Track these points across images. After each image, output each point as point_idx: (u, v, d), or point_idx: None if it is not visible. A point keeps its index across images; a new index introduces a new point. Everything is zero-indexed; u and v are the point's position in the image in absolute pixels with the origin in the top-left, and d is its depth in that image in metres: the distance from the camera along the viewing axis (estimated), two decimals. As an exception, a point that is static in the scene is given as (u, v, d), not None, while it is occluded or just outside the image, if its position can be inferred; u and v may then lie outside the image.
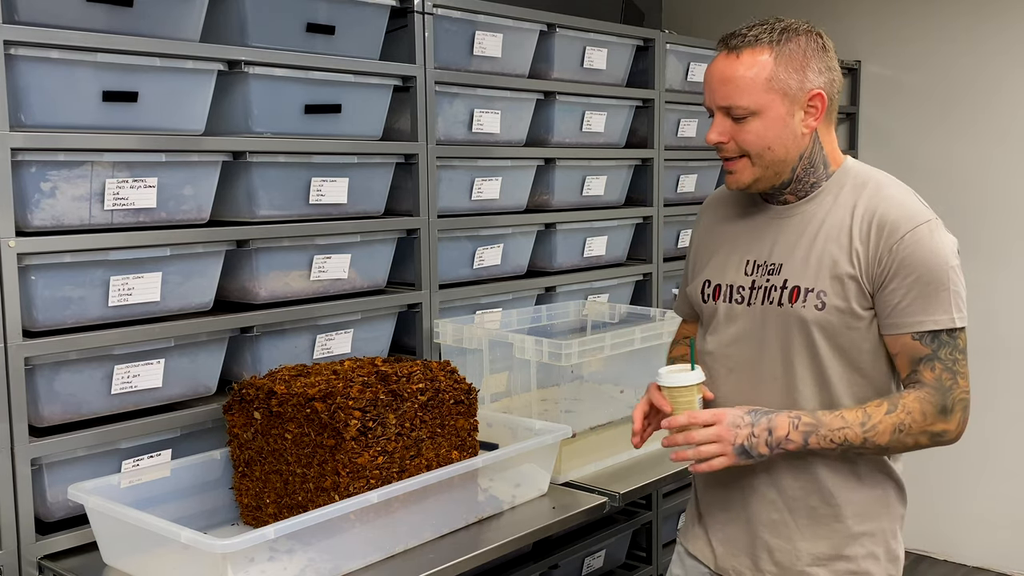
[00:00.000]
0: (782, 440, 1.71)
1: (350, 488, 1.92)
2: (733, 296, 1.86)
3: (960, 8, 4.14)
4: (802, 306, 1.76)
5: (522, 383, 2.56)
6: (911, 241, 1.70)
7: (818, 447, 1.72)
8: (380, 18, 2.50)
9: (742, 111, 1.74)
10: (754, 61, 1.72)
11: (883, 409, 1.71)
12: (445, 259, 2.75)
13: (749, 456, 1.72)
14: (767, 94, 1.72)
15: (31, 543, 1.93)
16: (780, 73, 1.72)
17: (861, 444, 1.71)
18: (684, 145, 3.62)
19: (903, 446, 1.74)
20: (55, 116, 1.93)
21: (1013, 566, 4.17)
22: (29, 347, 1.91)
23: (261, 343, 2.31)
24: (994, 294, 4.05)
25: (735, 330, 1.85)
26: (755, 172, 1.78)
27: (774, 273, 1.81)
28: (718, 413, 1.73)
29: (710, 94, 1.78)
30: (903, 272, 1.70)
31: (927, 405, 1.71)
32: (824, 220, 1.79)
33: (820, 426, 1.71)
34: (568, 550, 3.05)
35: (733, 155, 1.78)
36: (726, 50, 1.76)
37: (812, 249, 1.78)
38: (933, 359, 1.71)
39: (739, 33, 1.75)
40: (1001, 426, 4.01)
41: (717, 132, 1.78)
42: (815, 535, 1.82)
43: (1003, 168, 4.10)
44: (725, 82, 1.74)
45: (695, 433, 1.72)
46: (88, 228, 2.00)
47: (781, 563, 1.84)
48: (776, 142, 1.75)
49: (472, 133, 2.78)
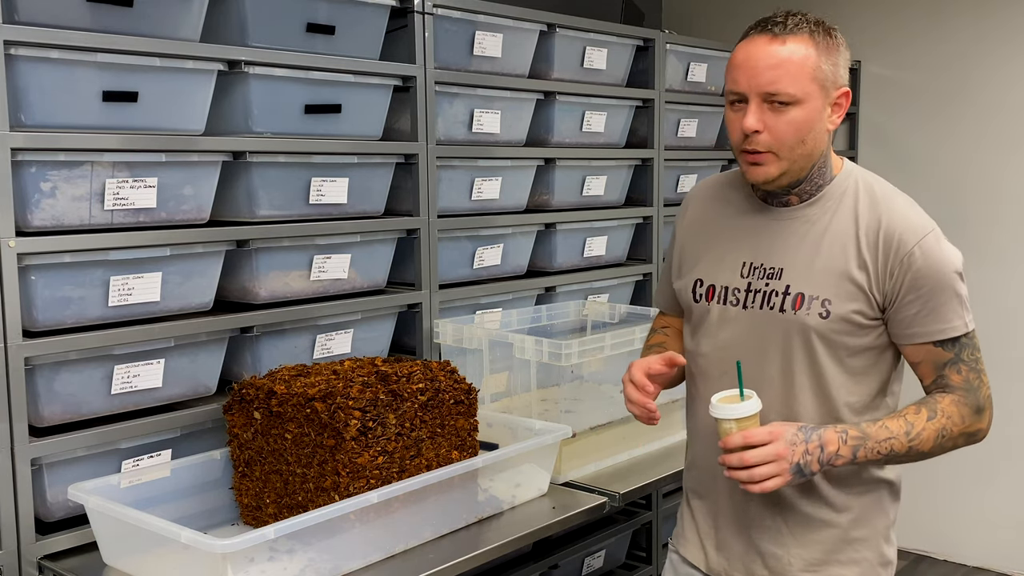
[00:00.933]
0: (832, 456, 1.67)
1: (350, 488, 1.92)
2: (728, 298, 1.82)
3: (960, 8, 4.14)
4: (806, 313, 1.73)
5: (522, 383, 2.56)
6: (921, 253, 1.70)
7: (865, 460, 1.69)
8: (380, 18, 2.50)
9: (787, 98, 1.66)
10: (800, 48, 1.66)
11: (923, 416, 1.71)
12: (445, 259, 2.75)
13: (802, 475, 1.66)
14: (811, 83, 1.67)
15: (31, 543, 1.93)
16: (822, 64, 1.67)
17: (905, 453, 1.70)
18: (684, 145, 3.62)
19: (943, 450, 1.73)
20: (55, 116, 1.93)
21: (1013, 566, 4.17)
22: (29, 347, 1.91)
23: (261, 343, 2.31)
24: (994, 294, 4.05)
25: (729, 333, 1.82)
26: (782, 165, 1.71)
27: (774, 277, 1.78)
28: (774, 431, 1.64)
29: (751, 79, 1.67)
30: (918, 284, 1.70)
31: (963, 407, 1.73)
32: (828, 226, 1.76)
33: (867, 439, 1.68)
34: (568, 550, 3.05)
35: (763, 147, 1.69)
36: (767, 35, 1.67)
37: (816, 255, 1.75)
38: (957, 362, 1.73)
39: (777, 20, 1.68)
40: (1002, 427, 4.00)
41: (756, 119, 1.67)
42: (808, 540, 1.81)
43: (1003, 168, 4.10)
44: (774, 66, 1.65)
45: (750, 455, 1.63)
46: (88, 228, 2.00)
47: (774, 569, 1.83)
48: (810, 135, 1.69)
49: (472, 133, 2.78)
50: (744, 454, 1.63)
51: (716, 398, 1.70)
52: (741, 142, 1.72)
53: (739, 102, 1.70)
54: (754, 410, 1.67)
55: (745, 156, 1.73)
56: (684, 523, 2.00)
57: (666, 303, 2.05)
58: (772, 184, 1.75)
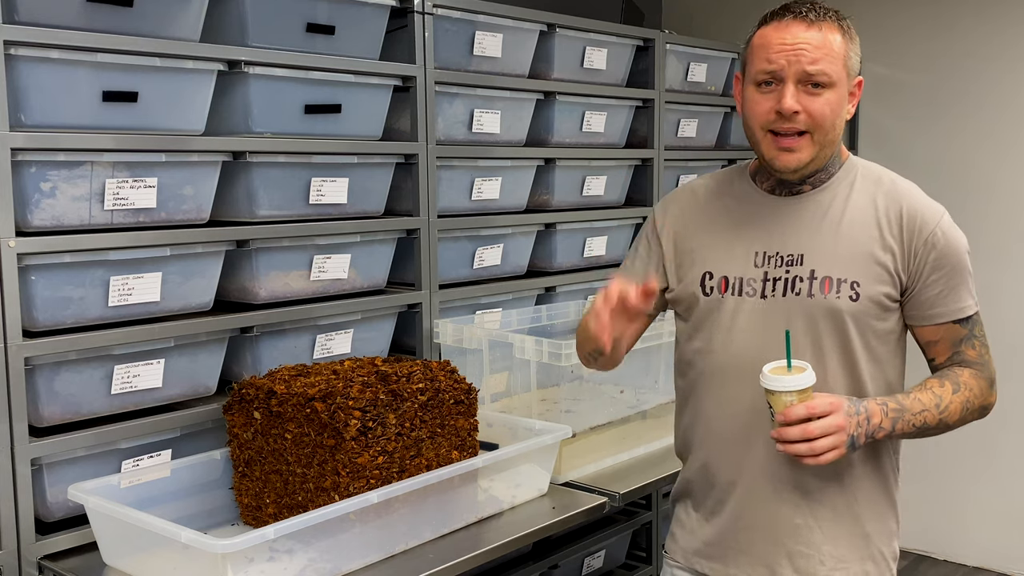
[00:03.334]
0: (876, 428, 1.67)
1: (350, 488, 1.92)
2: (744, 289, 1.78)
3: (961, 8, 4.14)
4: (836, 296, 1.72)
5: (522, 383, 2.56)
6: (942, 232, 1.74)
7: (901, 432, 1.71)
8: (380, 18, 2.50)
9: (826, 79, 1.66)
10: (834, 35, 1.68)
11: (948, 389, 1.75)
12: (445, 259, 2.75)
13: (853, 448, 1.65)
14: (843, 69, 1.69)
15: (31, 543, 1.93)
16: (849, 51, 1.70)
17: (936, 425, 1.73)
18: (684, 145, 3.62)
19: (963, 423, 1.78)
20: (55, 116, 1.93)
21: (1013, 566, 4.16)
22: (29, 347, 1.91)
23: (261, 343, 2.31)
24: (995, 294, 4.04)
25: (747, 324, 1.77)
26: (813, 151, 1.70)
27: (795, 264, 1.75)
28: (834, 402, 1.62)
29: (793, 60, 1.65)
30: (941, 262, 1.73)
31: (981, 380, 1.79)
32: (844, 210, 1.76)
33: (904, 411, 1.70)
34: (568, 550, 3.05)
35: (802, 126, 1.67)
36: (802, 20, 1.67)
37: (838, 238, 1.74)
38: (971, 338, 1.79)
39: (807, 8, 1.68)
40: (1001, 426, 4.01)
41: (795, 99, 1.66)
42: (837, 538, 1.78)
43: (1004, 168, 4.10)
44: (816, 47, 1.65)
45: (814, 426, 1.59)
46: (88, 228, 2.00)
47: (802, 569, 1.78)
48: (838, 120, 1.70)
49: (472, 133, 2.78)
50: (808, 426, 1.59)
51: (768, 369, 1.64)
52: (772, 123, 1.69)
53: (769, 83, 1.69)
54: (813, 380, 1.62)
55: (778, 141, 1.70)
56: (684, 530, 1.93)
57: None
58: (801, 171, 1.73)
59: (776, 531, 1.79)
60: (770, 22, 1.71)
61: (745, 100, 1.74)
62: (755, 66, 1.70)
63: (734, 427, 1.79)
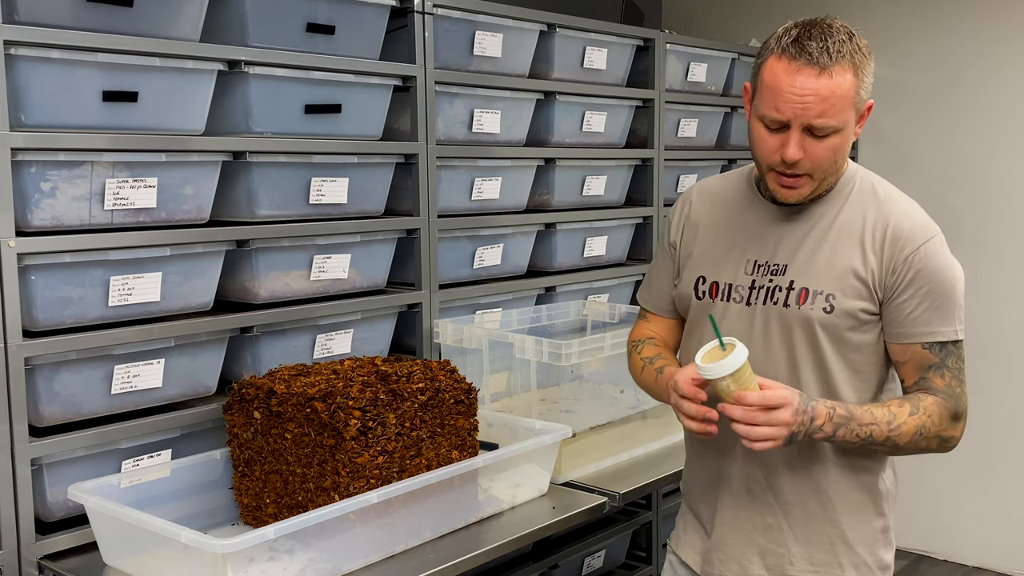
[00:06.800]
0: (816, 430, 1.67)
1: (350, 488, 1.92)
2: (732, 295, 1.83)
3: (961, 8, 4.14)
4: (810, 308, 1.75)
5: (522, 383, 2.56)
6: (925, 253, 1.72)
7: (843, 440, 1.70)
8: (380, 18, 2.50)
9: (831, 130, 1.66)
10: (844, 79, 1.64)
11: (906, 410, 1.72)
12: (445, 259, 2.75)
13: (790, 442, 1.65)
14: (850, 111, 1.67)
15: (31, 543, 1.93)
16: (860, 89, 1.68)
17: (883, 442, 1.71)
18: (684, 145, 3.62)
19: (917, 449, 1.75)
20: (55, 116, 1.93)
21: (1013, 566, 4.17)
22: (29, 347, 1.91)
23: (261, 343, 2.31)
24: (994, 294, 4.04)
25: (731, 329, 1.81)
26: (813, 186, 1.73)
27: (778, 273, 1.79)
28: (788, 396, 1.62)
29: (798, 113, 1.65)
30: (917, 283, 1.72)
31: (943, 410, 1.74)
32: (833, 223, 1.78)
33: (851, 420, 1.69)
34: (568, 550, 3.05)
35: (801, 171, 1.70)
36: (813, 67, 1.63)
37: (819, 251, 1.77)
38: (942, 367, 1.75)
39: (820, 47, 1.64)
40: (1001, 426, 4.01)
41: (799, 148, 1.67)
42: (808, 540, 1.82)
43: (1004, 168, 4.09)
44: (823, 100, 1.63)
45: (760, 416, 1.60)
46: (88, 228, 2.00)
47: (773, 568, 1.84)
48: (842, 156, 1.72)
49: (472, 133, 2.78)
50: (755, 414, 1.61)
51: (700, 358, 1.64)
52: (776, 164, 1.71)
53: (778, 128, 1.69)
54: (743, 357, 1.61)
55: (780, 179, 1.73)
56: (682, 525, 2.01)
57: (659, 302, 2.02)
58: (802, 201, 1.77)
59: (749, 529, 1.86)
60: (782, 56, 1.66)
61: (751, 129, 1.74)
62: (763, 106, 1.69)
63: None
